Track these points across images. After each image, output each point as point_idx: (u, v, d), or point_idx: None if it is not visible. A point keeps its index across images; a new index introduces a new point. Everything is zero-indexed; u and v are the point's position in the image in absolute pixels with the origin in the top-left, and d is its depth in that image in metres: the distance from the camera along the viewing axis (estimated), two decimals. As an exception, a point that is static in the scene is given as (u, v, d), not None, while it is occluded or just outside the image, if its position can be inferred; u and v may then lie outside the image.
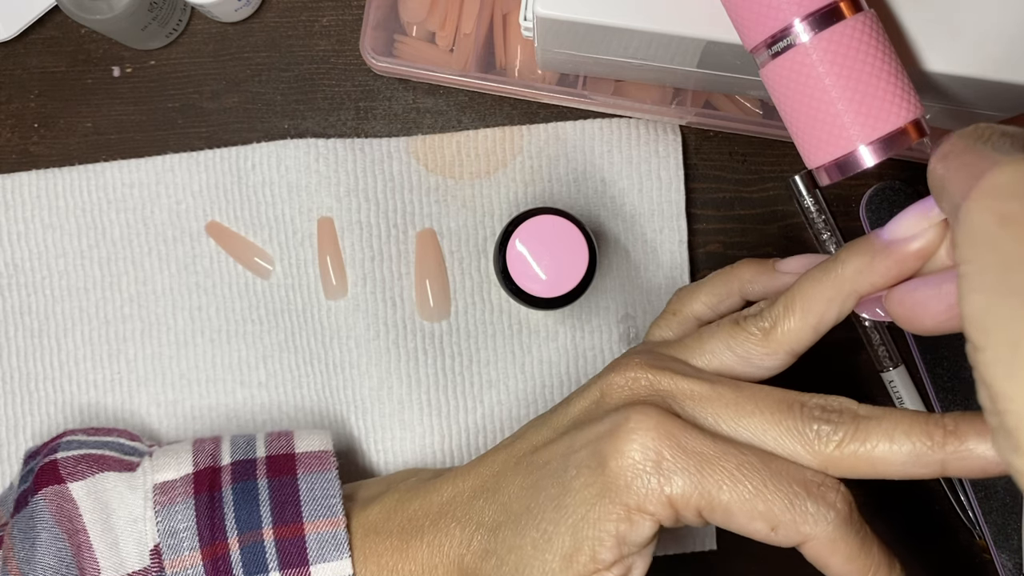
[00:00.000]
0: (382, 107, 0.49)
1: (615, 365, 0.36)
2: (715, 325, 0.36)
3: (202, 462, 0.39)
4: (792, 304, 0.33)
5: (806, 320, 0.33)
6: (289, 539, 0.37)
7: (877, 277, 0.32)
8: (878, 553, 0.32)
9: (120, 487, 0.39)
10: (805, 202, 0.48)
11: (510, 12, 0.47)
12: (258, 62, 0.49)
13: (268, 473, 0.39)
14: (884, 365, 0.48)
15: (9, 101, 0.49)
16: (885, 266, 0.32)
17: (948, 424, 0.30)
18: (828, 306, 0.33)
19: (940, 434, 0.30)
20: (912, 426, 0.31)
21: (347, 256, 0.47)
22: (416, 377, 0.47)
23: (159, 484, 0.38)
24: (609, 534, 0.32)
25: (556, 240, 0.41)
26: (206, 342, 0.48)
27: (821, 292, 0.33)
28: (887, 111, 0.33)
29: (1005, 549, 0.48)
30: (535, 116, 0.49)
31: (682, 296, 0.40)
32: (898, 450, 0.30)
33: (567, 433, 0.35)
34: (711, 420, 0.33)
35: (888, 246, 0.32)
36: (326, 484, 0.38)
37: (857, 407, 0.32)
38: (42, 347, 0.48)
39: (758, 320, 0.34)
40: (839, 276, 0.33)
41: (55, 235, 0.48)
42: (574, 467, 0.33)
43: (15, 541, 0.37)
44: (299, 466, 0.39)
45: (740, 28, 0.35)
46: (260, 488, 0.38)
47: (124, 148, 0.49)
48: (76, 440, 0.41)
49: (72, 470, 0.39)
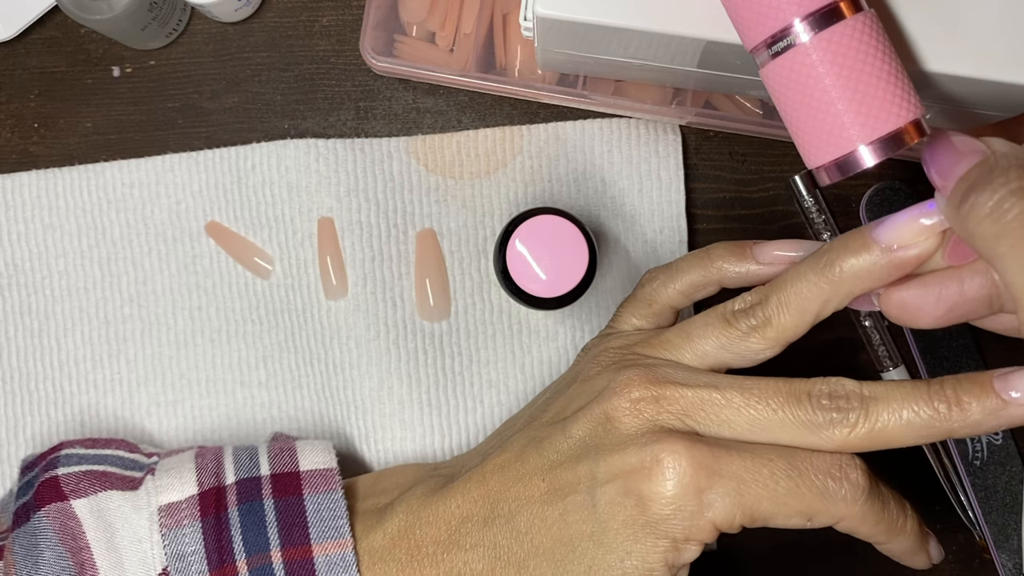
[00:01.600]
0: (382, 107, 0.49)
1: (613, 384, 0.35)
2: (702, 321, 0.36)
3: (206, 481, 0.39)
4: (787, 301, 0.34)
5: (802, 318, 0.34)
6: (298, 561, 0.37)
7: (875, 281, 0.33)
8: (895, 507, 0.34)
9: (124, 507, 0.38)
10: (805, 202, 0.48)
11: (510, 12, 0.47)
12: (258, 62, 0.49)
13: (274, 493, 0.38)
14: (884, 365, 0.48)
15: (9, 101, 0.49)
16: (885, 271, 0.32)
17: (948, 392, 0.31)
18: (824, 305, 0.33)
19: (944, 404, 0.31)
20: (917, 399, 0.31)
21: (347, 256, 0.47)
22: (416, 377, 0.47)
23: (164, 506, 0.38)
24: (660, 564, 0.33)
25: (556, 240, 0.41)
26: (206, 342, 0.48)
27: (817, 292, 0.33)
28: (887, 111, 0.33)
29: (1005, 549, 0.48)
30: (535, 116, 0.49)
31: (656, 284, 0.39)
32: (908, 425, 0.31)
33: (581, 459, 0.34)
34: (727, 429, 0.33)
35: (887, 252, 0.32)
36: (333, 505, 0.38)
37: (861, 388, 0.32)
38: (42, 347, 0.48)
39: (750, 317, 0.34)
40: (836, 277, 0.33)
41: (55, 235, 0.48)
42: (605, 503, 0.33)
43: (17, 558, 0.37)
44: (305, 486, 0.39)
45: (740, 28, 0.35)
46: (266, 509, 0.38)
47: (124, 148, 0.49)
48: (76, 454, 0.40)
49: (75, 487, 0.38)
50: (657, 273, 0.39)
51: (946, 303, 0.31)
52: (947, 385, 0.31)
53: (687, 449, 0.32)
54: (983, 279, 0.32)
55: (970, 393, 0.31)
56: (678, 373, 0.35)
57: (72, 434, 0.47)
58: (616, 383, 0.35)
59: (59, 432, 0.47)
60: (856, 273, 0.32)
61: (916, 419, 0.31)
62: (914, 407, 0.31)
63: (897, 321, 0.33)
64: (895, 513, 0.34)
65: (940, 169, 0.31)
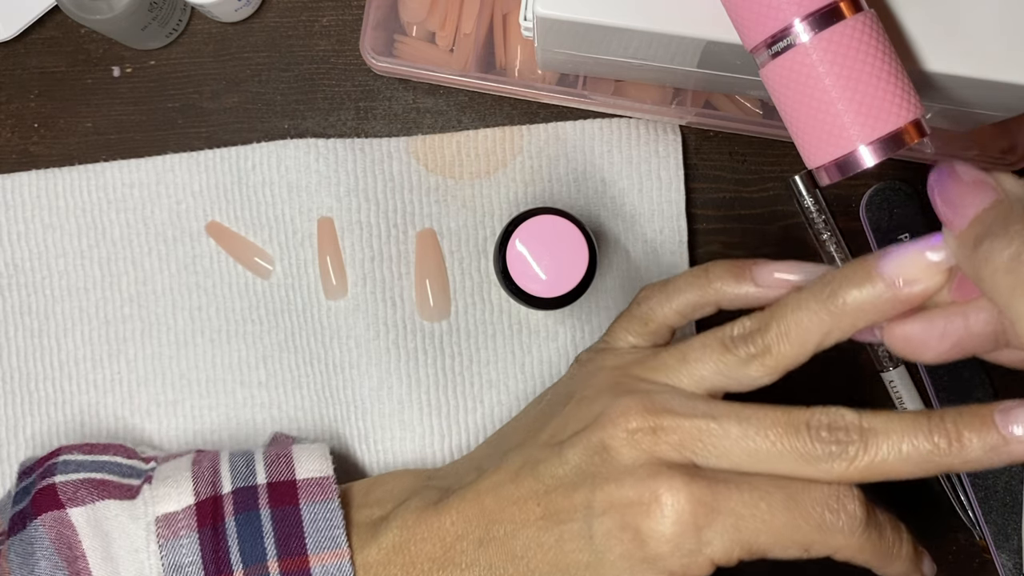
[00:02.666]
0: (382, 107, 0.49)
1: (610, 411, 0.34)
2: (700, 344, 0.35)
3: (203, 491, 0.39)
4: (787, 331, 0.33)
5: (803, 348, 0.33)
6: (295, 572, 0.37)
7: (879, 315, 0.32)
8: (891, 534, 0.33)
9: (121, 516, 0.38)
10: (805, 202, 0.48)
11: (510, 12, 0.47)
12: (258, 62, 0.49)
13: (270, 503, 0.38)
14: (884, 365, 0.48)
15: (9, 101, 0.49)
16: (889, 306, 0.32)
17: (948, 426, 0.31)
18: (825, 336, 0.33)
19: (944, 440, 0.31)
20: (917, 433, 0.31)
21: (347, 256, 0.47)
22: (416, 377, 0.47)
23: (161, 516, 0.38)
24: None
25: (556, 240, 0.41)
26: (206, 342, 0.48)
27: (818, 323, 0.33)
28: (887, 111, 0.33)
29: (1005, 549, 0.48)
30: (535, 116, 0.49)
31: (652, 303, 0.38)
32: (907, 459, 0.31)
33: (577, 486, 0.34)
34: (725, 461, 0.33)
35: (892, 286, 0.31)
36: (329, 514, 0.38)
37: (860, 420, 0.32)
38: (42, 347, 0.48)
39: (749, 345, 0.34)
40: (838, 309, 0.32)
41: (55, 235, 0.48)
42: (602, 534, 0.33)
43: (13, 565, 0.37)
44: (301, 495, 0.39)
45: (740, 28, 0.35)
46: (263, 519, 0.38)
47: (124, 148, 0.49)
48: (73, 461, 0.40)
49: (72, 495, 0.38)
50: (653, 291, 0.38)
51: (951, 339, 0.31)
52: (948, 419, 0.31)
53: (686, 486, 0.32)
54: (988, 315, 0.31)
55: (971, 427, 0.30)
56: (675, 401, 0.34)
57: (72, 434, 0.48)
58: (613, 410, 0.34)
59: (59, 431, 0.47)
60: (859, 306, 0.32)
61: (915, 453, 0.31)
62: (913, 441, 0.31)
63: (900, 355, 0.33)
64: (891, 540, 0.33)
65: (948, 203, 0.30)
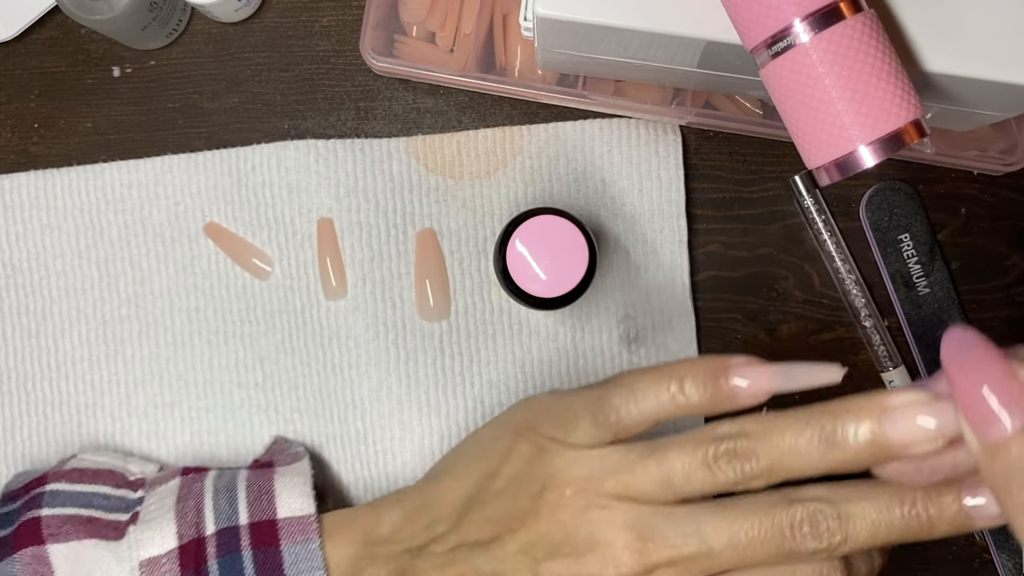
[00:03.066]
0: (382, 107, 0.49)
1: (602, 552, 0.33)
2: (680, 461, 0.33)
3: (186, 533, 0.39)
4: (777, 468, 0.32)
5: (791, 474, 0.33)
6: None
7: (873, 462, 0.32)
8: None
9: (106, 557, 0.39)
10: (805, 202, 0.48)
11: (510, 12, 0.47)
12: (258, 62, 0.49)
13: (252, 544, 0.39)
14: (884, 365, 0.48)
15: (9, 101, 0.49)
16: (885, 457, 0.32)
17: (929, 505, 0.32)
18: (815, 472, 0.33)
19: (924, 515, 0.32)
20: (892, 517, 0.32)
21: (347, 257, 0.47)
22: (416, 377, 0.47)
23: (145, 561, 0.38)
24: None
25: (556, 240, 0.41)
26: (203, 343, 0.48)
27: (808, 463, 0.32)
28: (887, 111, 0.33)
29: (1005, 549, 0.48)
30: (535, 116, 0.49)
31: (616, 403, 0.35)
32: (888, 536, 0.32)
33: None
34: (718, 570, 0.33)
35: (892, 446, 0.31)
36: (309, 555, 0.38)
37: (837, 509, 0.32)
38: (39, 347, 0.48)
39: (735, 470, 0.33)
40: (833, 456, 0.32)
41: (53, 235, 0.48)
42: None
43: None
44: (282, 535, 0.39)
45: (740, 28, 0.35)
46: (245, 560, 0.39)
47: (124, 148, 0.49)
48: (61, 493, 0.41)
49: (56, 531, 0.39)
50: (620, 390, 0.35)
51: (938, 475, 0.31)
52: (930, 497, 0.32)
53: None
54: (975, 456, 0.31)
55: (950, 492, 0.31)
56: (664, 532, 0.33)
57: (68, 435, 0.47)
58: (603, 552, 0.33)
59: (56, 432, 0.47)
60: (857, 458, 0.32)
61: (894, 532, 0.32)
62: (888, 523, 0.32)
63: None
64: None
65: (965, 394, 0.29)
